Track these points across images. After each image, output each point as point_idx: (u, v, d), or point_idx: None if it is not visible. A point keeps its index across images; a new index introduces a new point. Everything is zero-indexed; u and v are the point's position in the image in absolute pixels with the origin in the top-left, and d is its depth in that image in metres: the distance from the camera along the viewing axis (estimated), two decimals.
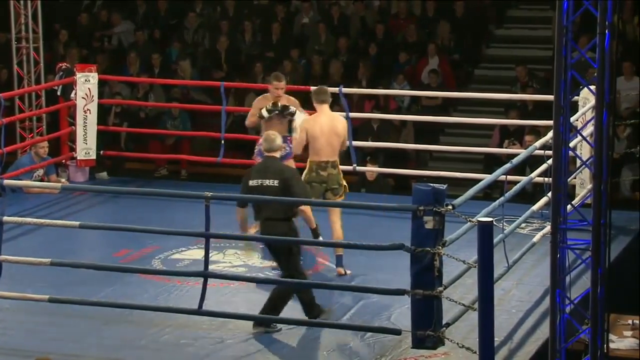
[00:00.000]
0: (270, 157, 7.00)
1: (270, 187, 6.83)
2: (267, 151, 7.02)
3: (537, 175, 8.08)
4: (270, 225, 6.81)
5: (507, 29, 14.24)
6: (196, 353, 6.62)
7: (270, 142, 7.00)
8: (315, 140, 7.78)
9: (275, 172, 6.89)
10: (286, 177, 6.88)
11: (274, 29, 14.29)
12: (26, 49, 11.42)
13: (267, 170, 6.91)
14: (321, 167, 7.78)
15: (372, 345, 6.64)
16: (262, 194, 6.80)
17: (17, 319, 7.05)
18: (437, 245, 5.96)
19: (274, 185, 6.83)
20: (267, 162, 7.01)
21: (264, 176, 6.86)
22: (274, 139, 7.00)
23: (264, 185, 6.84)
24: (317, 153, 7.78)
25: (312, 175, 7.78)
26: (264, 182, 6.85)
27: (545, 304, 7.03)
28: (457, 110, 12.94)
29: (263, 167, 6.99)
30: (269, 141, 7.01)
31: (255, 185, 6.86)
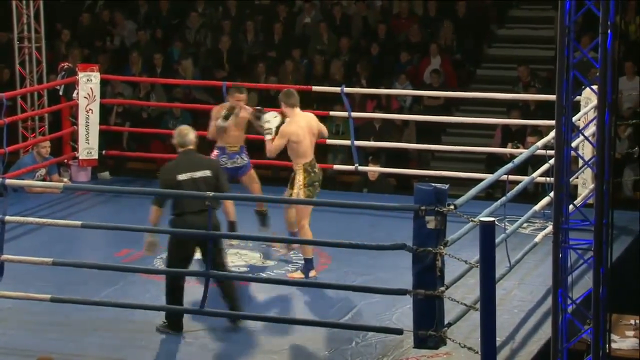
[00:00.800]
0: (188, 151, 6.99)
1: (206, 178, 6.86)
2: (182, 146, 6.99)
3: (539, 175, 8.07)
4: (202, 218, 6.71)
5: (509, 28, 14.24)
6: (198, 352, 6.62)
7: (183, 137, 7.00)
8: (300, 144, 7.75)
9: (204, 164, 6.95)
10: (216, 167, 7.02)
11: (276, 29, 14.29)
12: (28, 48, 11.42)
13: (194, 163, 6.92)
14: (312, 166, 7.83)
15: (374, 345, 6.64)
16: (196, 186, 6.80)
17: (19, 318, 7.05)
18: (439, 245, 5.95)
19: (207, 176, 6.87)
20: (187, 155, 6.98)
21: (193, 169, 6.86)
22: (187, 134, 7.01)
23: (196, 177, 6.85)
24: (304, 155, 7.79)
25: (312, 176, 7.80)
26: (194, 174, 6.86)
27: (547, 304, 7.04)
28: (459, 110, 12.94)
29: (187, 160, 6.95)
30: (182, 135, 7.01)
31: (185, 179, 6.84)
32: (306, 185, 7.78)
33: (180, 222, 6.81)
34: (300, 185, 7.77)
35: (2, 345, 6.69)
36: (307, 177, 7.79)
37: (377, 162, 10.91)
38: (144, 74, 13.50)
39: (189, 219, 6.77)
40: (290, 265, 8.19)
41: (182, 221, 6.80)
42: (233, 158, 8.31)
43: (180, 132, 7.03)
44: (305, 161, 7.80)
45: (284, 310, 7.20)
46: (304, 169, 7.79)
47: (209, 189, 6.74)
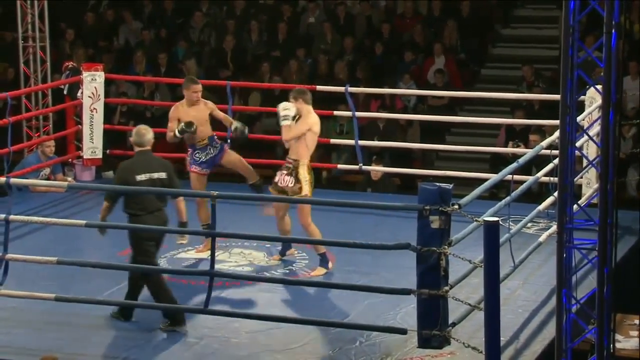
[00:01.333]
0: (145, 151, 7.05)
1: (161, 179, 6.96)
2: (139, 145, 7.05)
3: (544, 174, 8.07)
4: (162, 215, 6.92)
5: (514, 28, 14.23)
6: (202, 352, 6.63)
7: (141, 137, 7.06)
8: (314, 139, 7.83)
9: (160, 165, 7.04)
10: (170, 168, 7.09)
11: (280, 29, 14.30)
12: (33, 48, 11.43)
13: (151, 164, 6.99)
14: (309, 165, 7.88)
15: (377, 344, 6.63)
16: (152, 187, 6.90)
17: (23, 317, 7.06)
18: (443, 244, 5.95)
19: (163, 177, 6.98)
20: (145, 155, 7.05)
21: (150, 170, 6.94)
22: (145, 134, 7.07)
23: (154, 178, 6.94)
24: (310, 151, 7.83)
25: (312, 175, 7.85)
26: (152, 175, 6.94)
27: (551, 303, 7.03)
28: (464, 109, 12.93)
29: (144, 160, 7.01)
30: (140, 135, 7.07)
31: (144, 180, 6.91)
32: (311, 182, 7.81)
33: (137, 222, 6.88)
34: (306, 182, 7.79)
35: (6, 344, 6.70)
36: (310, 174, 7.80)
37: (381, 161, 10.91)
38: (148, 74, 13.50)
39: (147, 220, 6.86)
40: (295, 264, 8.20)
41: (139, 221, 6.88)
42: (206, 151, 8.31)
43: (139, 132, 7.09)
44: (309, 158, 7.82)
45: (288, 310, 7.20)
46: (308, 166, 7.80)
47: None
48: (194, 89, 8.24)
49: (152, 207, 6.90)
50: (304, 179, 7.77)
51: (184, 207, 7.22)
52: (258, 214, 8.28)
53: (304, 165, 7.79)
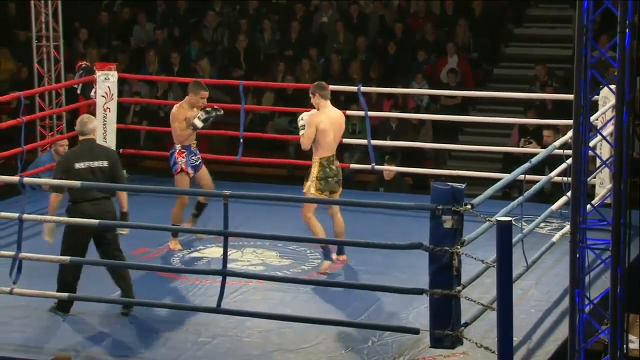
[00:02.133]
0: (88, 140, 7.09)
1: (101, 168, 6.99)
2: (82, 134, 7.09)
3: (557, 174, 8.05)
4: (102, 204, 6.95)
5: (527, 27, 14.21)
6: (214, 351, 6.64)
7: (83, 125, 7.09)
8: (325, 136, 7.79)
9: (101, 154, 7.07)
10: (114, 157, 7.13)
11: (293, 28, 14.31)
12: (46, 47, 11.47)
13: (92, 152, 7.02)
14: (330, 162, 7.84)
15: (390, 344, 6.63)
16: (93, 176, 6.94)
17: (36, 316, 7.08)
18: (456, 244, 5.95)
19: (104, 166, 7.00)
20: (88, 144, 7.08)
21: (91, 158, 6.97)
22: (87, 122, 7.11)
23: (93, 167, 6.97)
24: (325, 148, 7.81)
25: (326, 171, 7.81)
26: (92, 164, 6.96)
27: (564, 303, 7.01)
28: (476, 109, 12.92)
29: (87, 149, 7.05)
30: (82, 124, 7.11)
31: (83, 168, 6.94)
32: (319, 179, 7.79)
33: (75, 209, 6.94)
34: (313, 178, 7.83)
35: (19, 343, 6.72)
36: (321, 170, 7.80)
37: (393, 161, 10.91)
38: (162, 73, 13.53)
39: (84, 207, 6.91)
40: (307, 264, 8.20)
41: (77, 209, 6.94)
42: (197, 155, 8.41)
43: (81, 121, 7.14)
44: (324, 155, 7.82)
45: (300, 309, 7.20)
46: (320, 163, 7.81)
47: (104, 179, 6.96)
48: (203, 95, 8.33)
49: (89, 196, 6.92)
50: (311, 177, 7.82)
51: (125, 197, 7.17)
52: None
53: (316, 163, 7.83)
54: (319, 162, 7.83)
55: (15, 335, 6.83)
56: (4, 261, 7.03)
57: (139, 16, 14.96)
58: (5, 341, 6.73)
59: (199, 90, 8.33)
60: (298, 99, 12.76)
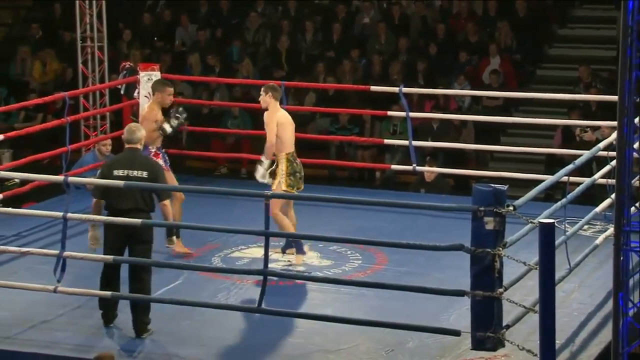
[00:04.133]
0: (133, 149, 7.06)
1: (140, 177, 6.92)
2: (128, 142, 7.07)
3: (601, 176, 7.98)
4: (134, 217, 6.83)
5: (571, 28, 14.09)
6: (255, 351, 6.66)
7: (131, 134, 7.07)
8: (285, 130, 8.03)
9: (143, 164, 7.01)
10: (155, 169, 7.06)
11: (334, 29, 14.31)
12: (91, 48, 11.58)
13: (134, 161, 6.98)
14: (294, 157, 8.08)
15: (430, 345, 6.61)
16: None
17: (80, 314, 7.15)
18: (498, 246, 5.92)
19: (142, 176, 6.92)
20: (131, 153, 7.05)
21: (131, 167, 6.93)
22: (134, 131, 7.07)
23: (132, 176, 6.91)
24: (287, 144, 8.05)
25: (294, 166, 8.03)
26: (130, 172, 6.91)
27: (607, 307, 6.95)
28: (519, 110, 12.84)
29: (129, 158, 7.02)
30: (130, 132, 7.08)
31: (121, 175, 6.90)
32: (288, 174, 7.98)
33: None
34: (282, 174, 7.98)
35: (63, 342, 6.78)
36: (289, 166, 7.99)
37: (434, 162, 10.87)
38: (207, 74, 13.59)
39: (133, 217, 6.84)
40: (347, 264, 8.20)
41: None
42: (166, 156, 8.48)
43: (129, 129, 7.13)
44: (287, 150, 8.04)
45: (341, 310, 7.21)
46: (287, 159, 8.00)
47: (142, 192, 6.84)
48: (169, 92, 8.37)
49: (124, 206, 6.87)
50: (280, 172, 7.99)
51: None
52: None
53: (283, 159, 8.02)
54: (286, 157, 8.02)
55: (58, 333, 6.90)
56: (49, 260, 7.10)
57: (182, 17, 15.05)
58: (48, 339, 6.80)
59: (164, 88, 8.38)
60: (339, 99, 12.78)
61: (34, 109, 13.56)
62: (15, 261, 8.07)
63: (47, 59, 14.63)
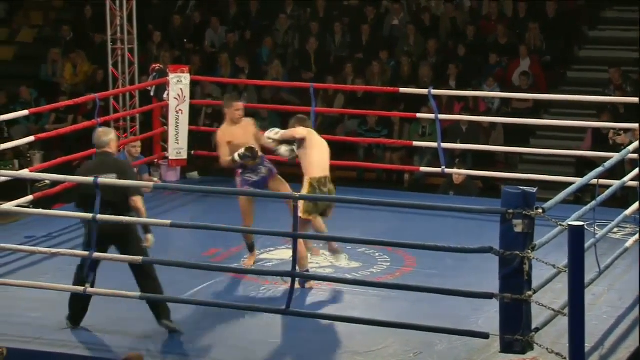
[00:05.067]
0: (103, 153, 7.07)
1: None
2: (98, 147, 7.09)
3: (630, 179, 7.92)
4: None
5: (601, 30, 14.01)
6: (283, 352, 6.67)
7: (97, 139, 7.09)
8: (313, 154, 7.58)
9: (112, 167, 6.98)
10: (124, 169, 7.04)
11: (363, 30, 14.31)
12: (121, 50, 11.65)
13: (103, 165, 6.99)
14: (320, 183, 7.53)
15: (459, 348, 6.60)
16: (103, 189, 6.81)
17: (108, 315, 7.19)
18: (527, 248, 5.89)
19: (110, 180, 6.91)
20: (101, 157, 7.08)
21: (102, 171, 6.91)
22: (100, 136, 7.08)
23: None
24: (313, 167, 7.56)
25: (317, 193, 7.50)
26: (102, 177, 6.88)
27: (637, 310, 6.91)
28: (549, 112, 12.78)
29: (99, 162, 7.06)
30: (96, 138, 7.11)
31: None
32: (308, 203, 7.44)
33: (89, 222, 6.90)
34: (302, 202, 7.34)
35: (91, 342, 6.83)
36: (311, 192, 7.51)
37: (463, 164, 10.84)
38: (237, 75, 13.63)
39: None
40: (376, 266, 8.20)
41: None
42: (257, 170, 8.04)
43: (96, 135, 7.16)
44: (313, 175, 7.54)
45: (369, 312, 7.20)
46: (310, 184, 7.53)
47: (115, 192, 6.83)
48: (236, 107, 8.12)
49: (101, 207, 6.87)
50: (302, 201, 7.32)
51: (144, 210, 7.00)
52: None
53: (306, 183, 7.55)
54: (309, 182, 7.53)
55: (85, 334, 6.94)
56: (78, 261, 7.13)
57: (212, 19, 15.10)
58: (78, 340, 6.85)
59: (231, 103, 8.16)
60: (368, 101, 12.77)
61: (65, 111, 13.66)
62: (45, 262, 8.13)
63: (77, 60, 14.73)
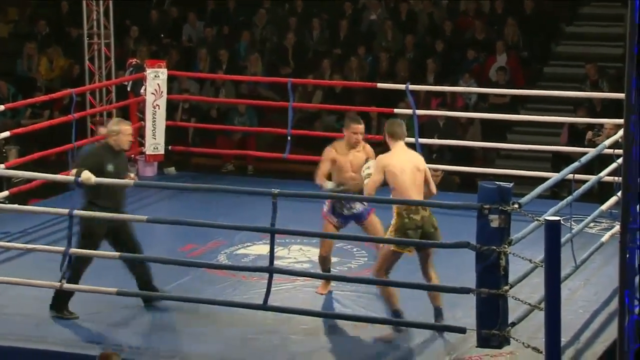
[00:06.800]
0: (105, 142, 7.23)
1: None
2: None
3: (607, 174, 7.96)
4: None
5: (578, 26, 14.07)
6: (261, 348, 6.67)
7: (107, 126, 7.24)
8: (396, 178, 6.72)
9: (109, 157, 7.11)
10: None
11: (341, 26, 14.30)
12: (97, 45, 11.60)
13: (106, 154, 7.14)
14: (412, 211, 6.69)
15: (436, 343, 6.61)
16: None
17: (85, 311, 7.16)
18: (503, 243, 5.91)
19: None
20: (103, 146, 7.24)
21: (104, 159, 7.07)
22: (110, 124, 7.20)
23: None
24: (402, 194, 6.71)
25: (405, 222, 6.66)
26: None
27: (613, 304, 6.94)
28: (526, 107, 12.82)
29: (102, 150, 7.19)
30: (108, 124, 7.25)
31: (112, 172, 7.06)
32: (396, 230, 6.69)
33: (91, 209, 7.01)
34: (390, 229, 6.77)
35: (68, 337, 6.80)
36: (400, 221, 6.69)
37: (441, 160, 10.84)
38: (215, 70, 13.59)
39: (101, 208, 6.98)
40: (353, 261, 8.20)
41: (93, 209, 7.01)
42: (349, 205, 7.24)
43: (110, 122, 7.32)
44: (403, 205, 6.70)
45: (346, 307, 7.21)
46: (399, 212, 6.69)
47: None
48: (354, 129, 7.19)
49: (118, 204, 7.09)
50: (390, 227, 6.75)
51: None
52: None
53: (395, 212, 6.72)
54: (397, 211, 6.69)
55: (65, 329, 6.91)
56: (55, 257, 7.11)
57: (189, 14, 15.05)
58: (55, 336, 6.82)
59: (349, 124, 7.23)
60: (346, 96, 12.77)
61: (41, 106, 13.58)
62: (21, 258, 8.09)
63: (53, 55, 14.64)
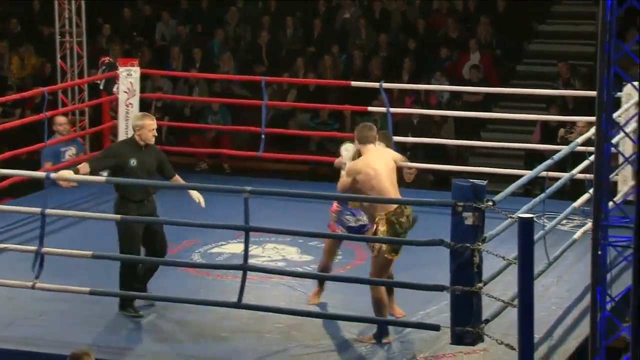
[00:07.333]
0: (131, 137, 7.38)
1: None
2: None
3: (579, 171, 8.01)
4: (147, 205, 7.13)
5: (550, 24, 14.14)
6: (236, 346, 6.65)
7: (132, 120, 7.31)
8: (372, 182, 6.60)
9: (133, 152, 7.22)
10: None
11: (315, 24, 14.31)
12: (70, 43, 11.53)
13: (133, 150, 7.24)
14: (398, 214, 6.61)
15: (410, 340, 6.63)
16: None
17: (58, 310, 7.12)
18: (477, 241, 5.93)
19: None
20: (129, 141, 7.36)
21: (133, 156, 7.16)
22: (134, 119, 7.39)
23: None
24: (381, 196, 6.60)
25: (397, 228, 6.61)
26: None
27: (585, 301, 6.98)
28: (499, 105, 12.88)
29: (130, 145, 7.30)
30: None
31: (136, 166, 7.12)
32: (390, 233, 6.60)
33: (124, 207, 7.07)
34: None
35: (41, 337, 6.76)
36: (390, 228, 6.60)
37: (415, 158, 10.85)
38: (188, 68, 13.55)
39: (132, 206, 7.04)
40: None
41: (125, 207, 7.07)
42: (358, 216, 7.17)
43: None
44: (388, 209, 6.59)
45: (322, 305, 7.21)
46: (387, 219, 6.59)
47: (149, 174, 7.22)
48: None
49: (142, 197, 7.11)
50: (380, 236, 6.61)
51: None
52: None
53: (382, 220, 6.60)
54: (386, 218, 6.58)
55: (35, 329, 6.87)
56: (27, 256, 7.07)
57: (162, 12, 15.00)
58: (28, 336, 6.77)
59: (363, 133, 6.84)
60: (320, 95, 12.77)
61: (12, 105, 13.49)
62: None
63: (25, 54, 14.54)
